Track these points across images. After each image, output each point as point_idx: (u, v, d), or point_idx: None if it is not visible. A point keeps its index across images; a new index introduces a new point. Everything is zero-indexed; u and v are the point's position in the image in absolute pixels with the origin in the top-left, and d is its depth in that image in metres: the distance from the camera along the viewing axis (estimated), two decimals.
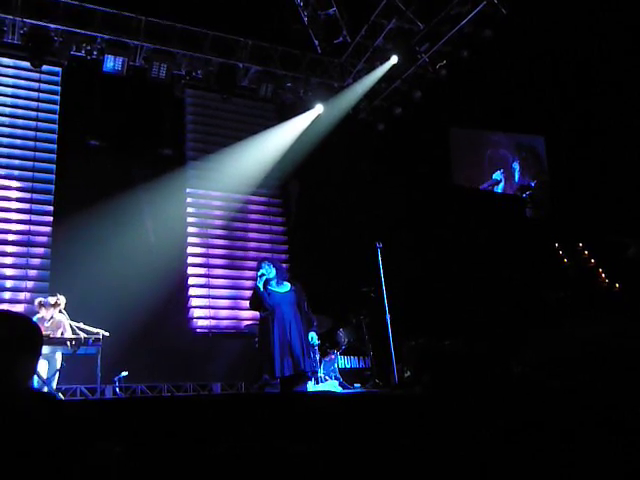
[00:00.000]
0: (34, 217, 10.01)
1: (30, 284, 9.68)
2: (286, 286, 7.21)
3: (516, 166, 13.50)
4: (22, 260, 9.77)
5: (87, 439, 2.04)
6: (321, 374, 9.17)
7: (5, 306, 9.23)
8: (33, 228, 9.95)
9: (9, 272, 9.65)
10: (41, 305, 8.07)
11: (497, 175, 13.25)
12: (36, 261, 9.84)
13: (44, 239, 9.96)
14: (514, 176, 13.51)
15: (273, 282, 7.19)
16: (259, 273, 7.22)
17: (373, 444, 2.81)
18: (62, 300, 8.11)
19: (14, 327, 2.12)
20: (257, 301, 7.20)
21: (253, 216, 11.95)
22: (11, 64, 10.40)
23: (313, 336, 7.31)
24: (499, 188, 13.18)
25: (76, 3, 9.78)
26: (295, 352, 6.82)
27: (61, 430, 1.96)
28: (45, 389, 7.40)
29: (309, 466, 2.50)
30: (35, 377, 7.04)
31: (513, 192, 13.36)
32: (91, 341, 7.60)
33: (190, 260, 11.07)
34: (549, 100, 11.75)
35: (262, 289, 7.13)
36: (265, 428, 2.96)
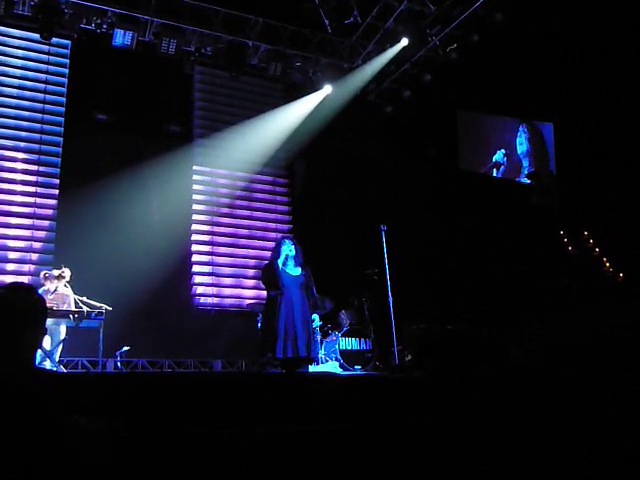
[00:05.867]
0: (40, 190, 10.01)
1: (35, 257, 9.70)
2: (298, 270, 7.15)
3: (523, 139, 13.28)
4: (27, 232, 9.79)
5: (87, 413, 2.06)
6: (322, 355, 9.23)
7: (10, 278, 9.29)
8: (39, 201, 9.95)
9: (14, 244, 9.67)
10: (46, 277, 8.12)
11: (498, 156, 13.07)
12: (41, 234, 9.86)
13: (50, 212, 9.97)
14: (517, 155, 13.30)
15: (290, 263, 7.11)
16: (282, 250, 7.12)
17: (372, 426, 2.83)
18: (67, 273, 8.14)
19: (19, 299, 2.13)
20: (272, 278, 7.06)
21: (258, 195, 11.94)
22: (21, 36, 10.32)
23: (315, 317, 7.36)
24: (500, 171, 13.04)
25: None
26: (299, 336, 6.81)
27: (60, 404, 1.98)
28: (47, 361, 7.47)
29: (306, 446, 2.52)
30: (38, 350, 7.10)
31: (515, 175, 13.23)
32: (94, 314, 7.66)
33: (195, 237, 11.09)
34: (559, 86, 11.65)
35: (280, 267, 7.06)
36: (264, 408, 2.99)
